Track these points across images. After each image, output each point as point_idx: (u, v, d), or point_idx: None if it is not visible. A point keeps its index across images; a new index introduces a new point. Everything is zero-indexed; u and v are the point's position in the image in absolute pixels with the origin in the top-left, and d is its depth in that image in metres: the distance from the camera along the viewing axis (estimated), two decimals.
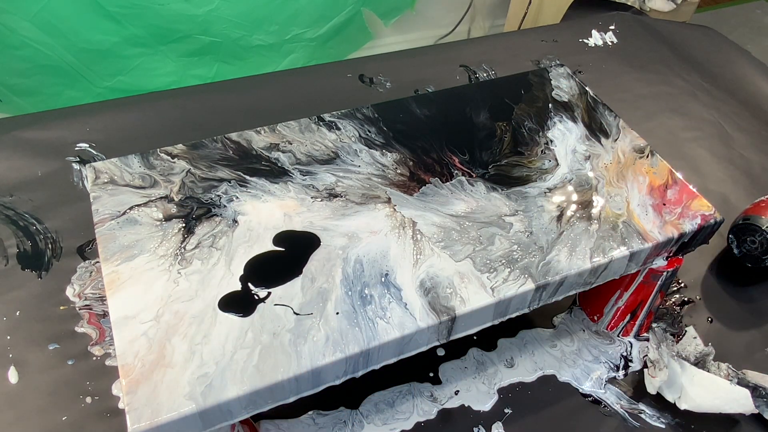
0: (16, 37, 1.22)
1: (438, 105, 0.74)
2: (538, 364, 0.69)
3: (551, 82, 0.79)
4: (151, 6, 1.27)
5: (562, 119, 0.74)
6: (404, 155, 0.66)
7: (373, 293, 0.52)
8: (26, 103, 1.34)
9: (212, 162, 0.63)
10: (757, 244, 0.79)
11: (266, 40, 1.46)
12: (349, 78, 1.04)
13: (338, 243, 0.56)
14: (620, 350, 0.71)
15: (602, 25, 1.25)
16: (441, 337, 0.54)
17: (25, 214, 0.77)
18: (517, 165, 0.67)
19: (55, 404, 0.60)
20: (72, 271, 0.72)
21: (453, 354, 0.69)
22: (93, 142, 0.87)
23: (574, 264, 0.57)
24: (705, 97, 1.12)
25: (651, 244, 0.60)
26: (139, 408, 0.43)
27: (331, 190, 0.61)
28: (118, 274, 0.52)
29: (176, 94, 0.98)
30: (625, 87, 1.11)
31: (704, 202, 0.64)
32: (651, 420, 0.65)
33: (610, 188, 0.65)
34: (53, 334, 0.66)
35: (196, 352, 0.47)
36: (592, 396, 0.67)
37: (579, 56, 1.17)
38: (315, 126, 0.69)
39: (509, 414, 0.64)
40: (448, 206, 0.61)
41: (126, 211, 0.57)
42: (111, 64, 1.35)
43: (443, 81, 1.05)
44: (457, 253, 0.56)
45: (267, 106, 0.97)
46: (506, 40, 1.21)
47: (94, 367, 0.63)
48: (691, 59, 1.20)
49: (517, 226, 0.59)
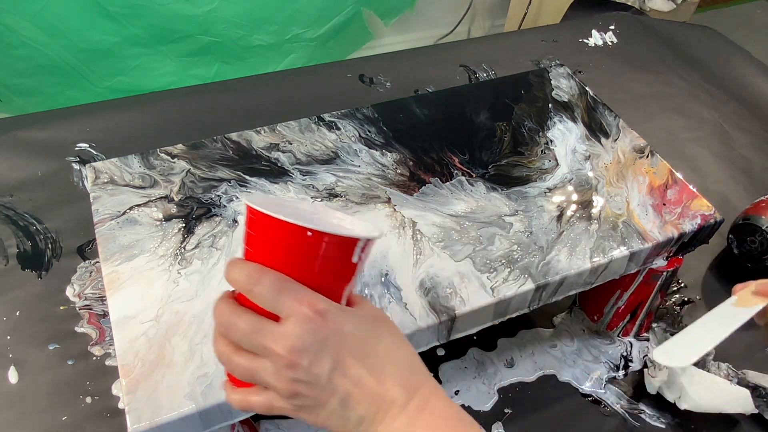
0: (16, 37, 1.22)
1: (438, 105, 0.74)
2: (538, 364, 0.69)
3: (551, 82, 0.79)
4: (151, 6, 1.27)
5: (562, 119, 0.74)
6: (404, 155, 0.66)
7: (372, 293, 0.52)
8: (26, 103, 1.34)
9: (212, 162, 0.63)
10: (757, 244, 0.79)
11: (266, 40, 1.46)
12: (349, 78, 1.04)
13: None
14: (620, 350, 0.71)
15: (602, 25, 1.25)
16: (441, 337, 0.54)
17: (25, 214, 0.77)
18: (517, 165, 0.67)
19: (55, 404, 0.60)
20: (72, 271, 0.72)
21: (453, 354, 0.69)
22: (93, 142, 0.87)
23: (574, 264, 0.57)
24: (705, 97, 1.12)
25: (651, 244, 0.60)
26: (139, 408, 0.43)
27: (331, 190, 0.61)
28: (118, 274, 0.52)
29: (176, 94, 0.98)
30: (625, 87, 1.11)
31: (704, 202, 0.64)
32: (651, 420, 0.65)
33: (610, 188, 0.65)
34: (53, 334, 0.66)
35: (196, 352, 0.47)
36: (592, 396, 0.67)
37: (579, 56, 1.17)
38: (315, 126, 0.69)
39: (509, 414, 0.64)
40: (448, 206, 0.61)
41: (126, 211, 0.57)
42: (111, 64, 1.35)
43: (443, 81, 1.05)
44: (457, 253, 0.56)
45: (267, 106, 0.97)
46: (506, 40, 1.21)
47: (94, 367, 0.63)
48: (691, 59, 1.20)
49: (517, 226, 0.59)
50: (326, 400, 0.35)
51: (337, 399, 0.35)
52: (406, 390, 0.36)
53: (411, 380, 0.37)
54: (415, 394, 0.37)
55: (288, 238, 0.35)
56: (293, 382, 0.35)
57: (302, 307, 0.35)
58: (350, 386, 0.35)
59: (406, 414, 0.36)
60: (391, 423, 0.35)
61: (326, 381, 0.35)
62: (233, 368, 0.37)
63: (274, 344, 0.34)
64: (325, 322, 0.35)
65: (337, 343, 0.35)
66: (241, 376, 0.37)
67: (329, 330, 0.35)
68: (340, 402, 0.35)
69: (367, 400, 0.36)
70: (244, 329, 0.35)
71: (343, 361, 0.35)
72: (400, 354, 0.38)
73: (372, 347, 0.37)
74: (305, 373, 0.34)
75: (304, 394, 0.35)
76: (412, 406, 0.36)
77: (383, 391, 0.36)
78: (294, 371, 0.34)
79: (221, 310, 0.36)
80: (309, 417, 0.36)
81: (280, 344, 0.34)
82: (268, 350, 0.34)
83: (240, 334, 0.35)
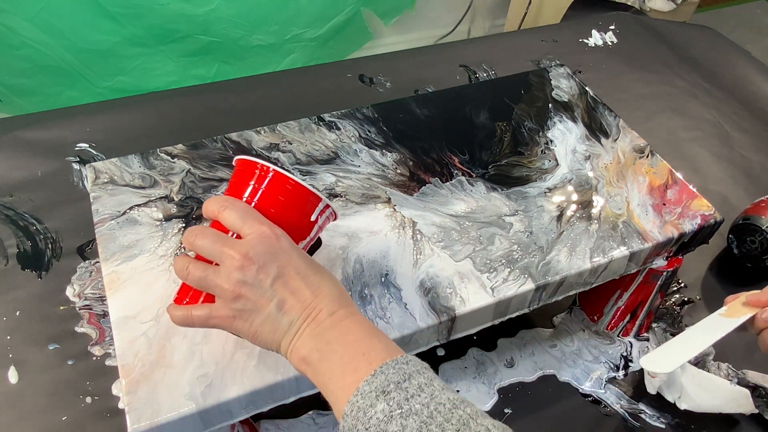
0: (16, 37, 1.22)
1: (438, 105, 0.74)
2: (538, 364, 0.69)
3: (551, 82, 0.79)
4: (151, 6, 1.27)
5: (562, 119, 0.73)
6: (404, 155, 0.66)
7: (373, 293, 0.52)
8: (26, 103, 1.34)
9: (212, 162, 0.63)
10: (757, 244, 0.79)
11: (266, 40, 1.46)
12: (349, 78, 1.04)
13: (338, 243, 0.56)
14: (620, 350, 0.71)
15: (602, 25, 1.25)
16: (441, 337, 0.54)
17: (25, 214, 0.77)
18: (517, 165, 0.67)
19: (55, 404, 0.60)
20: (72, 271, 0.72)
21: (453, 354, 0.69)
22: (93, 142, 0.87)
23: (574, 264, 0.57)
24: (705, 97, 1.12)
25: (651, 244, 0.60)
26: (139, 408, 0.43)
27: (331, 190, 0.61)
28: (118, 274, 0.52)
29: (176, 94, 0.98)
30: (625, 87, 1.11)
31: (704, 202, 0.64)
32: (651, 420, 0.65)
33: (610, 188, 0.65)
34: (53, 334, 0.66)
35: (196, 352, 0.47)
36: (592, 396, 0.67)
37: (579, 56, 1.17)
38: (315, 126, 0.69)
39: (509, 414, 0.64)
40: (448, 206, 0.61)
41: (126, 211, 0.57)
42: (111, 64, 1.35)
43: (443, 81, 1.05)
44: (457, 253, 0.56)
45: (267, 106, 0.97)
46: (506, 40, 1.21)
47: (94, 367, 0.63)
48: (691, 59, 1.20)
49: (517, 226, 0.59)
50: (265, 304, 0.40)
51: (275, 303, 0.40)
52: (336, 304, 0.41)
53: (341, 301, 0.42)
54: (342, 308, 0.41)
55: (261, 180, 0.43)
56: (240, 283, 0.39)
57: (262, 227, 0.41)
58: (288, 294, 0.40)
59: (330, 319, 0.40)
60: (316, 326, 0.40)
61: (268, 286, 0.40)
62: (188, 274, 0.41)
63: (232, 249, 0.40)
64: (278, 241, 0.41)
65: (284, 259, 0.41)
66: (193, 281, 0.41)
67: (280, 248, 0.41)
68: (276, 305, 0.40)
69: (300, 306, 0.40)
70: (210, 237, 0.41)
71: (287, 274, 0.40)
72: (335, 283, 0.43)
73: (313, 270, 0.42)
74: (252, 277, 0.39)
75: (246, 297, 0.40)
76: (337, 314, 0.41)
77: (315, 302, 0.41)
78: (243, 273, 0.39)
79: (192, 230, 0.42)
80: (244, 325, 0.40)
81: (236, 249, 0.40)
82: (225, 254, 0.40)
83: (204, 242, 0.41)
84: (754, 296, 0.56)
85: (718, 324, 0.55)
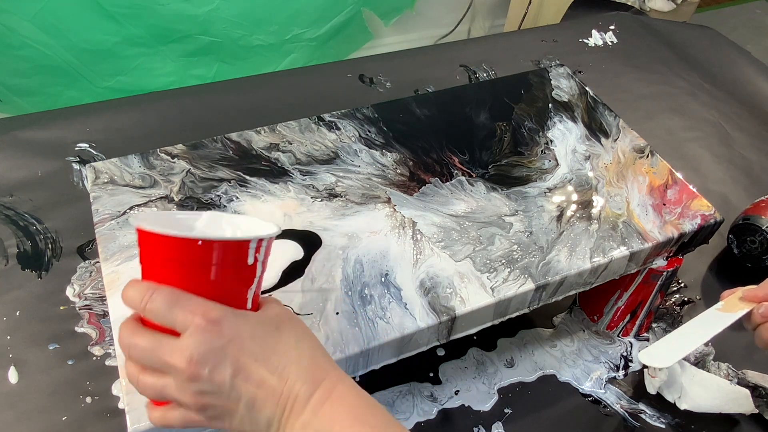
0: (16, 37, 1.22)
1: (438, 105, 0.74)
2: (538, 364, 0.69)
3: (551, 82, 0.79)
4: (151, 6, 1.27)
5: (562, 119, 0.74)
6: (404, 155, 0.66)
7: (373, 293, 0.52)
8: (26, 103, 1.34)
9: (212, 162, 0.63)
10: (757, 244, 0.79)
11: (266, 40, 1.46)
12: (349, 78, 1.04)
13: (338, 243, 0.56)
14: (620, 350, 0.71)
15: (602, 25, 1.25)
16: (441, 337, 0.54)
17: (25, 214, 0.77)
18: (517, 165, 0.67)
19: (55, 404, 0.60)
20: (72, 271, 0.72)
21: (453, 354, 0.69)
22: (93, 142, 0.87)
23: (574, 264, 0.57)
24: (705, 97, 1.12)
25: (651, 244, 0.60)
26: (139, 408, 0.43)
27: (331, 190, 0.61)
28: (118, 274, 0.52)
29: (176, 94, 0.98)
30: (625, 87, 1.11)
31: (704, 202, 0.64)
32: (651, 420, 0.65)
33: (610, 188, 0.65)
34: (53, 334, 0.65)
35: None
36: (592, 396, 0.67)
37: (579, 56, 1.17)
38: (315, 126, 0.69)
39: (509, 414, 0.64)
40: (448, 206, 0.61)
41: (126, 211, 0.57)
42: (111, 64, 1.35)
43: (443, 81, 1.05)
44: (457, 253, 0.56)
45: (267, 106, 0.97)
46: (506, 40, 1.21)
47: (94, 367, 0.63)
48: (691, 59, 1.20)
49: (517, 226, 0.59)
50: (234, 407, 0.36)
51: (243, 404, 0.36)
52: (310, 384, 0.36)
53: (315, 374, 0.37)
54: (318, 386, 0.37)
55: (175, 251, 0.35)
56: (198, 394, 0.35)
57: (196, 318, 0.35)
58: (254, 389, 0.35)
59: (310, 407, 0.36)
60: (296, 420, 0.36)
61: (230, 388, 0.35)
62: (142, 389, 0.37)
63: (173, 358, 0.34)
64: (220, 330, 0.35)
65: (235, 349, 0.35)
66: (150, 395, 0.37)
67: (226, 337, 0.35)
68: (246, 406, 0.36)
69: (272, 400, 0.36)
70: (144, 347, 0.35)
71: (244, 366, 0.35)
72: (302, 349, 0.38)
73: (272, 347, 0.37)
74: (208, 384, 0.35)
75: (211, 404, 0.35)
76: (315, 397, 0.36)
77: (287, 389, 0.36)
78: (197, 383, 0.35)
79: (123, 332, 0.36)
80: (224, 425, 0.37)
81: (178, 357, 0.34)
82: (169, 365, 0.35)
83: (140, 353, 0.36)
84: (750, 291, 0.56)
85: (715, 319, 0.55)
